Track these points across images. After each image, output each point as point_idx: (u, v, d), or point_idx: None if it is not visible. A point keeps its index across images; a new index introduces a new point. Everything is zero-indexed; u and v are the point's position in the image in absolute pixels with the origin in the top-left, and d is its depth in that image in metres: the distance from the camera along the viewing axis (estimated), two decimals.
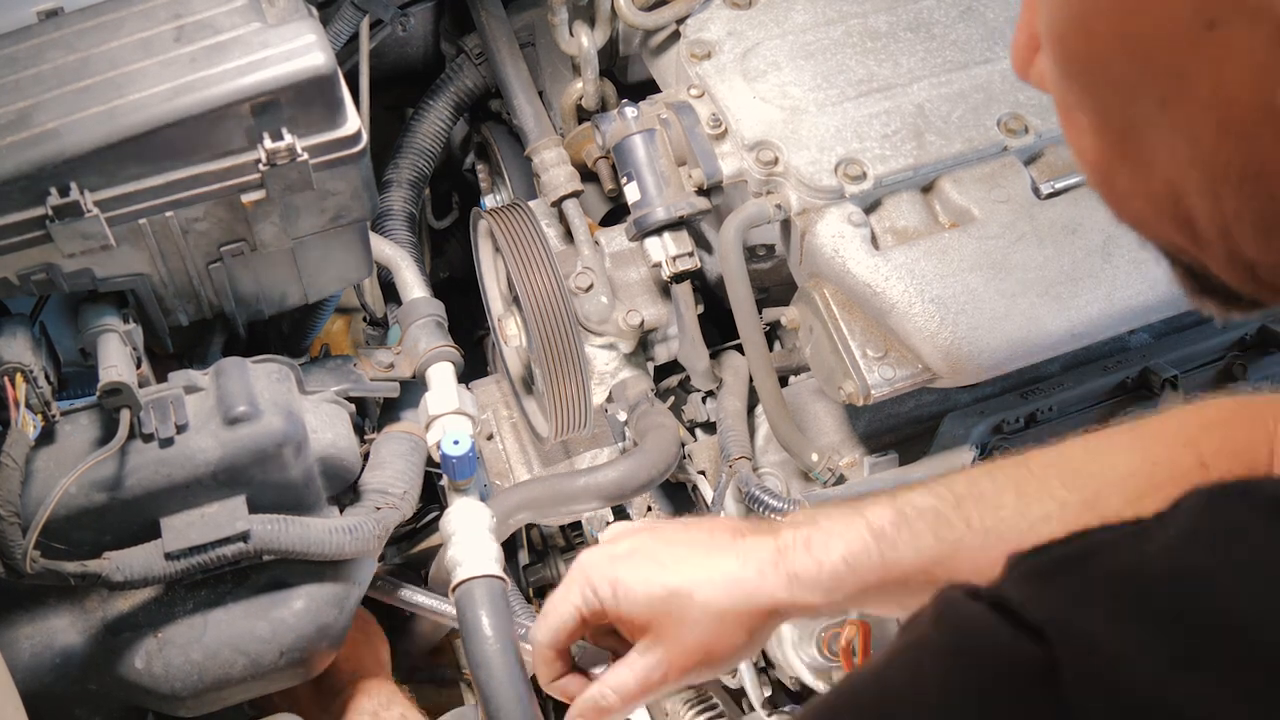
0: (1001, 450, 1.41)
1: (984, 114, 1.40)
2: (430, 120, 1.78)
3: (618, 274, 1.47)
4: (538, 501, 1.44)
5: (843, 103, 1.40)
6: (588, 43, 1.58)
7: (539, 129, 1.59)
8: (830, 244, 1.31)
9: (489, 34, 1.68)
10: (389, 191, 1.74)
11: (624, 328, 1.45)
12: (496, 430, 1.74)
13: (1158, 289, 1.29)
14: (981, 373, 1.28)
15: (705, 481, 1.51)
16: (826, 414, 1.46)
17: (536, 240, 1.43)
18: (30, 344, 1.17)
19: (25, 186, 1.10)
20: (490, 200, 1.92)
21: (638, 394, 1.50)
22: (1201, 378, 1.49)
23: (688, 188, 1.40)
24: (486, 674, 1.22)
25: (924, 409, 1.47)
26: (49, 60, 1.16)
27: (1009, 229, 1.33)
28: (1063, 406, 1.45)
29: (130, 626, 1.27)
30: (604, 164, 1.51)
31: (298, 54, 1.15)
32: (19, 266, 1.15)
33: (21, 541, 1.09)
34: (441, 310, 1.46)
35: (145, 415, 1.19)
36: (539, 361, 1.43)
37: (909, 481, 1.34)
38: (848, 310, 1.32)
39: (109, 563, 1.18)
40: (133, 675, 1.27)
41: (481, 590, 1.27)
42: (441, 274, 2.02)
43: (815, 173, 1.34)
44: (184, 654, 1.27)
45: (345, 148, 1.20)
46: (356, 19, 1.58)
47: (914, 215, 1.37)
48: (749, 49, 1.46)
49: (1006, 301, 1.28)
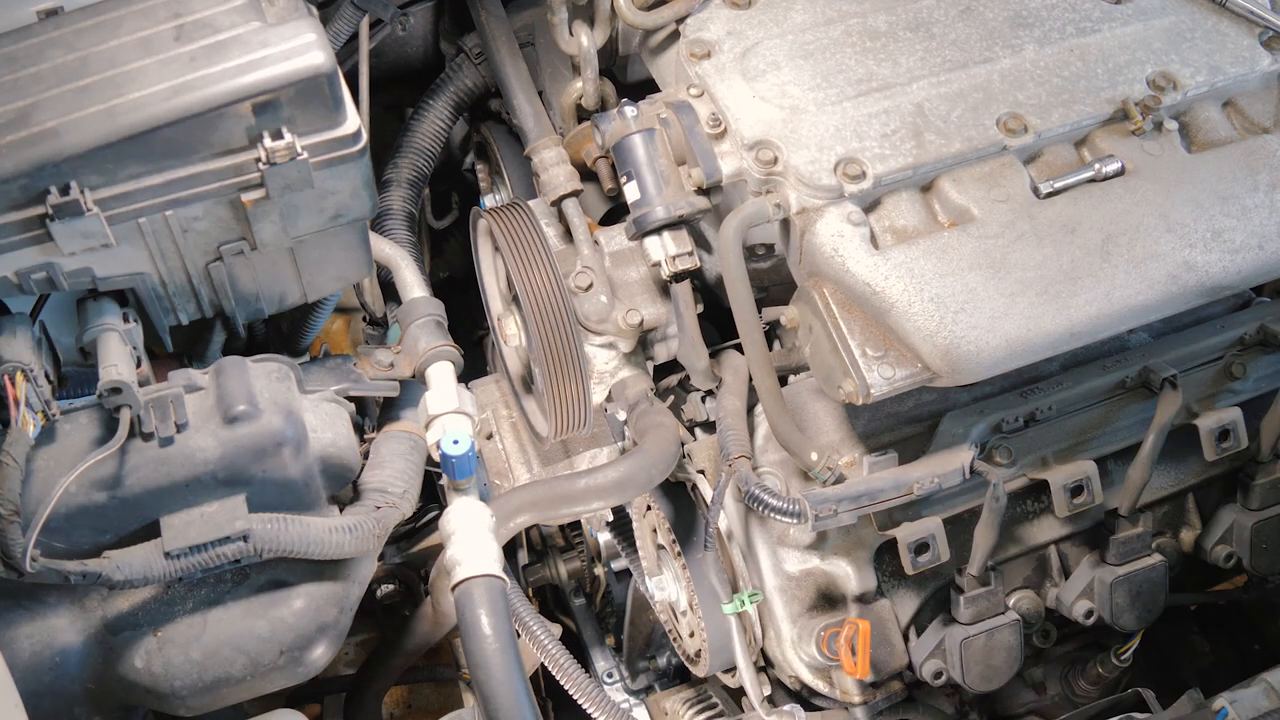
0: (1000, 448, 1.41)
1: (983, 113, 1.40)
2: (430, 120, 1.79)
3: (617, 273, 1.47)
4: (538, 504, 1.44)
5: (842, 102, 1.41)
6: (587, 42, 1.58)
7: (539, 129, 1.59)
8: (829, 243, 1.31)
9: (489, 34, 1.68)
10: (389, 191, 1.74)
11: (623, 327, 1.45)
12: (496, 430, 1.74)
13: (1157, 288, 1.29)
14: (981, 372, 1.28)
15: (705, 480, 1.51)
16: (826, 413, 1.47)
17: (536, 240, 1.43)
18: (30, 343, 1.17)
19: (25, 185, 1.10)
20: (490, 200, 1.92)
21: (637, 393, 1.50)
22: (1201, 377, 1.49)
23: (687, 187, 1.40)
24: (486, 674, 1.22)
25: (923, 408, 1.47)
26: (49, 59, 1.16)
27: (1008, 228, 1.33)
28: (1062, 406, 1.45)
29: (130, 625, 1.27)
30: (603, 163, 1.51)
31: (297, 53, 1.15)
32: (19, 265, 1.16)
33: (22, 540, 1.09)
34: (441, 310, 1.46)
35: (145, 414, 1.19)
36: (539, 361, 1.43)
37: (909, 481, 1.35)
38: (847, 309, 1.32)
39: (109, 562, 1.18)
40: (132, 674, 1.27)
41: (481, 590, 1.26)
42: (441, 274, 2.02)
43: (814, 172, 1.34)
44: (184, 653, 1.27)
45: (345, 147, 1.20)
46: (356, 19, 1.58)
47: (913, 214, 1.37)
48: (748, 48, 1.46)
49: (1005, 301, 1.28)
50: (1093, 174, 1.37)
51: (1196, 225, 1.33)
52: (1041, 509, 1.52)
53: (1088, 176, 1.37)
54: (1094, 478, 1.43)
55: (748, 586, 1.48)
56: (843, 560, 1.45)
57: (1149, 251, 1.32)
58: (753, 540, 1.47)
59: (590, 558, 2.07)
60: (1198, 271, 1.31)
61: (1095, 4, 1.51)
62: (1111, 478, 1.50)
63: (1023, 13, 1.50)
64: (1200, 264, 1.31)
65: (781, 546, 1.46)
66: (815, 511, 1.32)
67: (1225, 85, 1.45)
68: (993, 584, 1.44)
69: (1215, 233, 1.33)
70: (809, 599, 1.46)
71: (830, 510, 1.33)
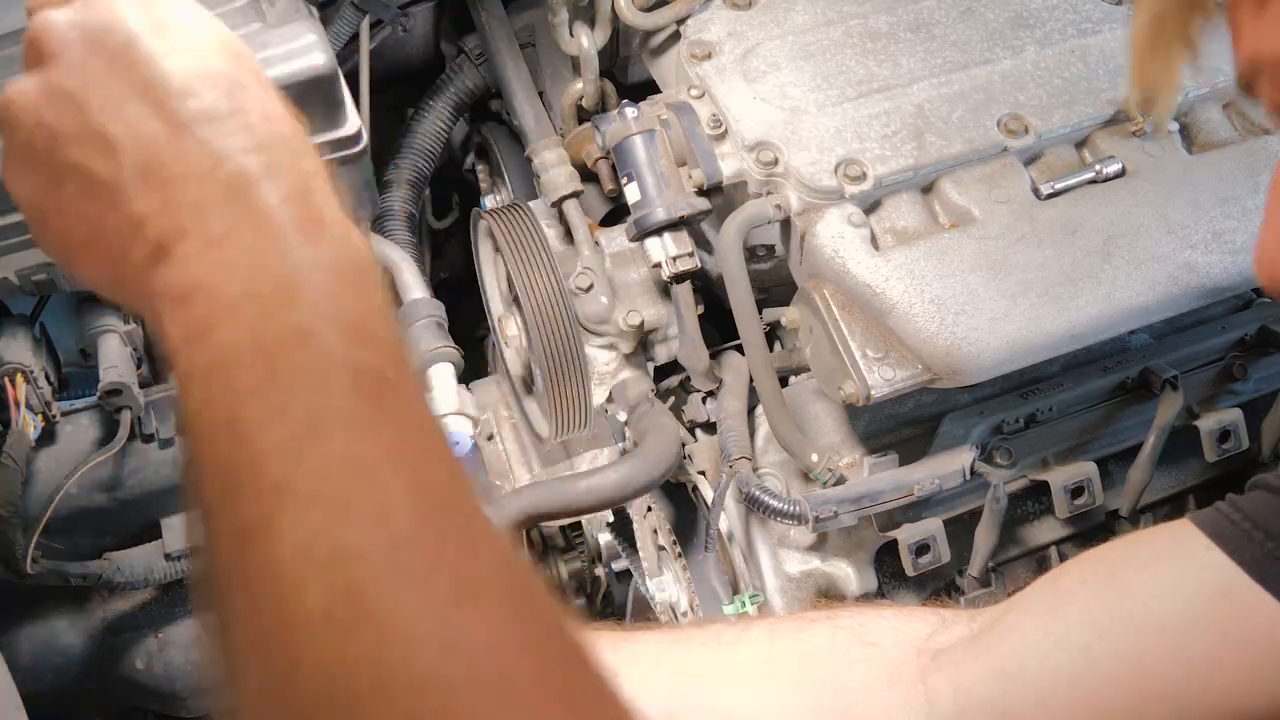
0: (1000, 450, 1.41)
1: (984, 114, 1.40)
2: (430, 120, 1.78)
3: (618, 274, 1.47)
4: (539, 507, 1.44)
5: (843, 103, 1.40)
6: (588, 43, 1.58)
7: (539, 129, 1.59)
8: (830, 244, 1.31)
9: (489, 34, 1.68)
10: (389, 191, 1.74)
11: (624, 328, 1.45)
12: (496, 430, 1.74)
13: (1157, 289, 1.29)
14: (981, 373, 1.28)
15: (705, 482, 1.51)
16: (826, 414, 1.47)
17: (536, 240, 1.43)
18: (30, 344, 1.17)
19: None
20: (490, 200, 1.92)
21: (638, 394, 1.50)
22: (1202, 378, 1.49)
23: (688, 188, 1.40)
24: None
25: (924, 409, 1.47)
26: None
27: (1009, 229, 1.33)
28: (1062, 407, 1.45)
29: (131, 627, 1.27)
30: (604, 164, 1.51)
31: (298, 54, 1.15)
32: (19, 266, 1.15)
33: (22, 542, 1.09)
34: (442, 311, 1.46)
35: (146, 416, 1.19)
36: (539, 362, 1.43)
37: (909, 482, 1.35)
38: (848, 311, 1.32)
39: (110, 563, 1.18)
40: (133, 675, 1.27)
41: None
42: (441, 274, 2.02)
43: (815, 173, 1.34)
44: (184, 654, 1.27)
45: (345, 148, 1.20)
46: (357, 19, 1.58)
47: (914, 216, 1.37)
48: (749, 49, 1.46)
49: (1006, 302, 1.28)
50: (1093, 175, 1.37)
51: (1197, 226, 1.33)
52: (1042, 510, 1.51)
53: (1088, 178, 1.37)
54: (1095, 479, 1.43)
55: (749, 587, 1.48)
56: (843, 561, 1.45)
57: (1150, 253, 1.32)
58: (753, 541, 1.47)
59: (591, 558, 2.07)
60: (1198, 273, 1.31)
61: (1096, 5, 1.51)
62: (1112, 479, 1.50)
63: (1024, 14, 1.50)
64: (1201, 265, 1.31)
65: (782, 548, 1.46)
66: (816, 513, 1.32)
67: (1226, 86, 1.45)
68: (993, 585, 1.44)
69: (1216, 234, 1.33)
70: (810, 600, 1.46)
71: (831, 512, 1.33)
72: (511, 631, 0.53)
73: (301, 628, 0.51)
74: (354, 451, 0.54)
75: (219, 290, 0.58)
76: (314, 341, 0.57)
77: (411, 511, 0.54)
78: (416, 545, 0.53)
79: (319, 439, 0.54)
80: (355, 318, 0.59)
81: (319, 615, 0.51)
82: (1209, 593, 0.90)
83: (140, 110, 0.62)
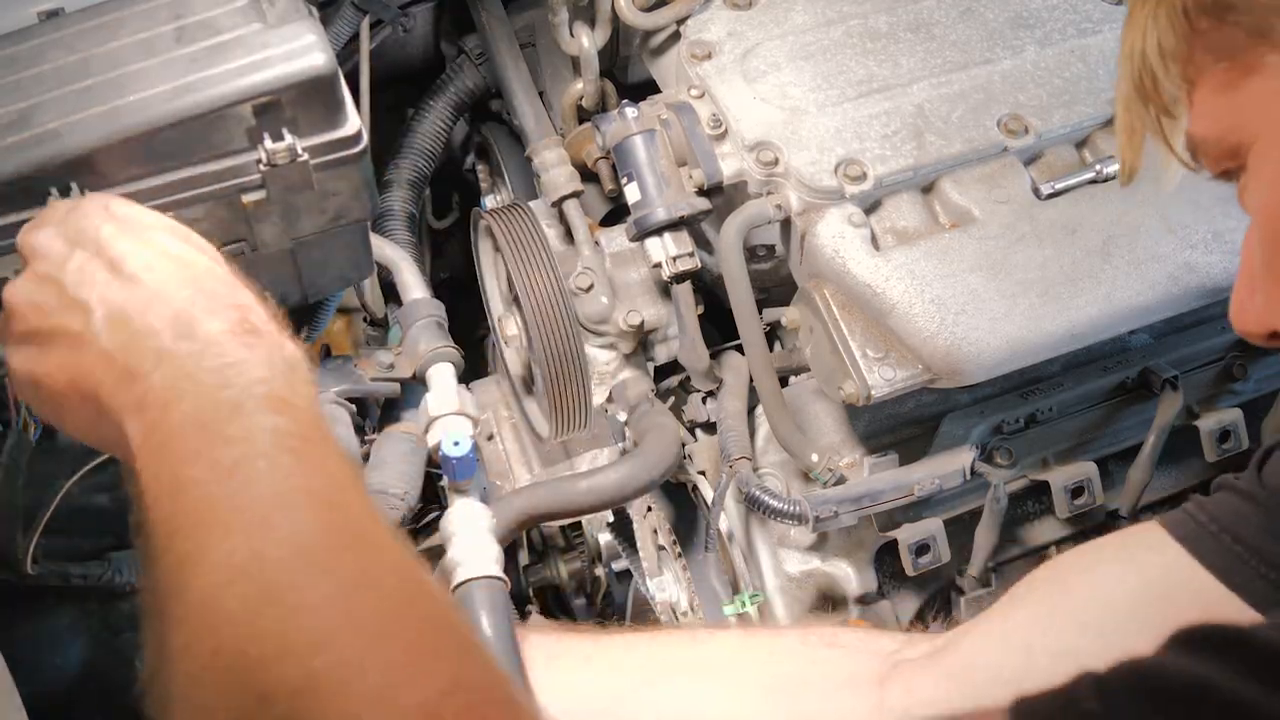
0: (1000, 450, 1.41)
1: (984, 114, 1.40)
2: (430, 120, 1.78)
3: (618, 274, 1.47)
4: (539, 507, 1.44)
5: (843, 103, 1.41)
6: (588, 43, 1.58)
7: (539, 129, 1.59)
8: (830, 244, 1.31)
9: (489, 34, 1.68)
10: (389, 192, 1.74)
11: (624, 328, 1.45)
12: (497, 430, 1.74)
13: (1157, 289, 1.29)
14: (981, 373, 1.28)
15: (705, 482, 1.51)
16: (826, 414, 1.47)
17: (536, 240, 1.43)
18: None
19: (26, 187, 1.10)
20: (490, 200, 1.92)
21: (638, 394, 1.50)
22: (1202, 378, 1.49)
23: (688, 188, 1.40)
24: None
25: (924, 409, 1.47)
26: (50, 61, 1.16)
27: (1009, 229, 1.33)
28: (1062, 407, 1.45)
29: (131, 627, 1.27)
30: (604, 164, 1.51)
31: (298, 54, 1.15)
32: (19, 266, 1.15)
33: (23, 542, 1.09)
34: (442, 311, 1.46)
35: None
36: (539, 361, 1.43)
37: (909, 482, 1.35)
38: (848, 311, 1.32)
39: (110, 563, 1.18)
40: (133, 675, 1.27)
41: (481, 592, 1.26)
42: (441, 274, 2.02)
43: (815, 173, 1.34)
44: None
45: (346, 148, 1.20)
46: (357, 19, 1.58)
47: (914, 216, 1.37)
48: (749, 50, 1.46)
49: (1006, 302, 1.28)
50: (1094, 175, 1.37)
51: (1197, 226, 1.33)
52: (1042, 510, 1.51)
53: (1088, 178, 1.37)
54: (1095, 479, 1.43)
55: (749, 587, 1.48)
56: (843, 561, 1.45)
57: (1150, 252, 1.32)
58: (754, 541, 1.47)
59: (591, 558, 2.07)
60: (1198, 272, 1.31)
61: (1096, 5, 1.51)
62: (1112, 479, 1.50)
63: (1024, 14, 1.50)
64: (1201, 265, 1.31)
65: (782, 548, 1.46)
66: (816, 513, 1.32)
67: None
68: (994, 585, 1.44)
69: (1216, 234, 1.33)
70: (810, 600, 1.46)
71: (831, 512, 1.33)
72: (404, 609, 0.67)
73: (224, 618, 0.65)
74: (275, 489, 0.70)
75: (168, 392, 0.75)
76: (243, 411, 0.73)
77: (322, 527, 0.69)
78: (323, 550, 0.68)
79: (247, 483, 0.70)
80: (279, 393, 0.75)
81: (238, 606, 0.65)
82: (1165, 592, 0.93)
83: (107, 278, 0.81)
